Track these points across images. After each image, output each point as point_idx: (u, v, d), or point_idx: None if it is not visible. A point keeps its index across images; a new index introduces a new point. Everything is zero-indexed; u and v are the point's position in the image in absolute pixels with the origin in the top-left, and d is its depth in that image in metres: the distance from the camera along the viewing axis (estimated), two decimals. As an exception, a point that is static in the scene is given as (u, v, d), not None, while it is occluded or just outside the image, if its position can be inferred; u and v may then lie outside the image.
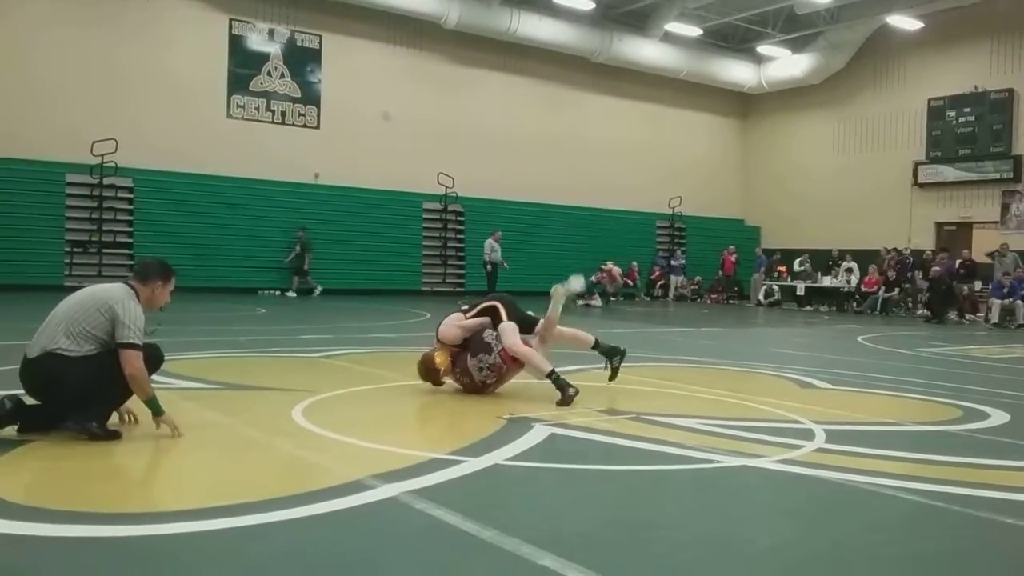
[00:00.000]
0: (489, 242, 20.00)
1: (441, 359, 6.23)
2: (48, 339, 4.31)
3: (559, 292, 6.56)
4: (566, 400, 5.86)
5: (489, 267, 20.01)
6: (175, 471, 3.99)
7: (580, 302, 20.07)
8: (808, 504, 3.89)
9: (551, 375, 6.05)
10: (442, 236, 22.62)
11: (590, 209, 24.55)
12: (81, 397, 4.24)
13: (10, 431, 4.29)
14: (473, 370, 6.19)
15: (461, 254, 22.79)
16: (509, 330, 6.25)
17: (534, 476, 4.18)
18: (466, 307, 6.58)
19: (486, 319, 6.40)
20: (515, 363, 6.25)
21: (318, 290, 19.69)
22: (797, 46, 25.30)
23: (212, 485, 3.87)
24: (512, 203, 23.10)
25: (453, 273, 22.62)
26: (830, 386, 7.63)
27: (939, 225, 23.73)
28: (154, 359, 4.55)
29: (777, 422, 5.66)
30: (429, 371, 6.28)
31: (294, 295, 19.19)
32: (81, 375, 4.22)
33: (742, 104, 28.59)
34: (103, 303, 4.33)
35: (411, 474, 3.91)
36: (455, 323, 6.39)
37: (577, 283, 6.82)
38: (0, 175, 17.02)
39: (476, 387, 6.28)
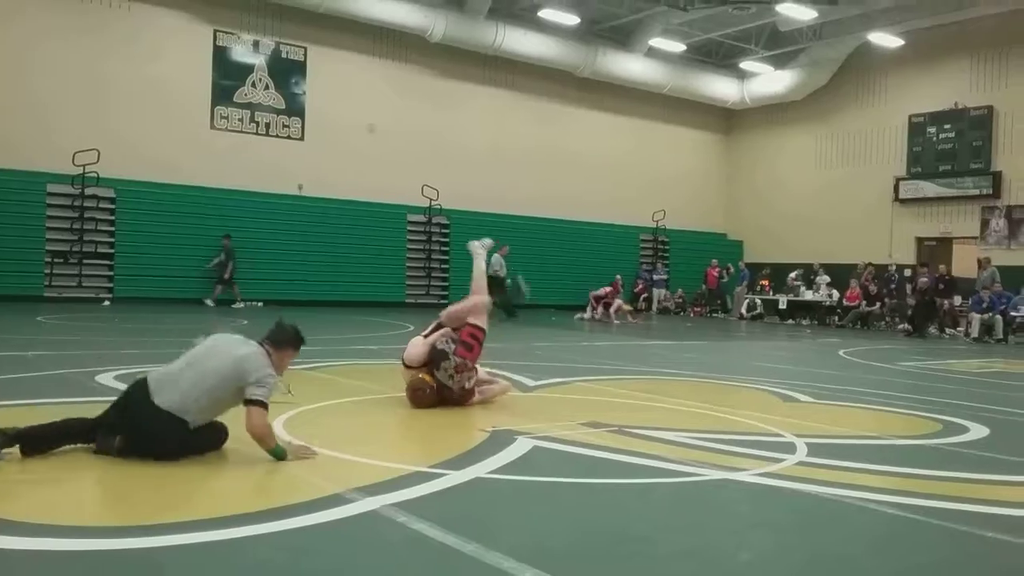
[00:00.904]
0: (497, 258, 18.72)
1: (427, 377, 6.21)
2: (180, 401, 4.26)
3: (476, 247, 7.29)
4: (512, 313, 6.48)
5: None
6: (155, 484, 3.95)
7: (578, 316, 20.20)
8: (789, 517, 3.89)
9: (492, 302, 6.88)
10: (426, 248, 22.60)
11: (574, 222, 24.62)
12: (162, 449, 4.23)
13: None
14: (445, 380, 6.18)
15: (445, 266, 22.78)
16: (460, 309, 6.68)
17: (516, 489, 4.17)
18: (427, 331, 6.61)
19: (445, 329, 6.50)
20: (472, 351, 6.33)
21: (240, 303, 18.36)
22: (780, 62, 25.52)
23: (192, 498, 3.84)
24: (496, 215, 23.11)
25: (437, 285, 22.59)
26: (812, 400, 7.66)
27: (920, 240, 23.93)
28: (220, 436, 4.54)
29: (759, 435, 5.68)
30: (423, 394, 6.21)
31: (211, 304, 18.11)
32: (185, 441, 4.28)
33: (725, 119, 28.79)
34: (242, 375, 4.32)
35: (392, 487, 3.89)
36: (419, 343, 6.39)
37: (480, 245, 7.36)
38: (-20, 185, 16.88)
39: (460, 395, 6.25)
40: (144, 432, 4.24)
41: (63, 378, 6.98)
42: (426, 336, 6.47)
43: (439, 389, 6.20)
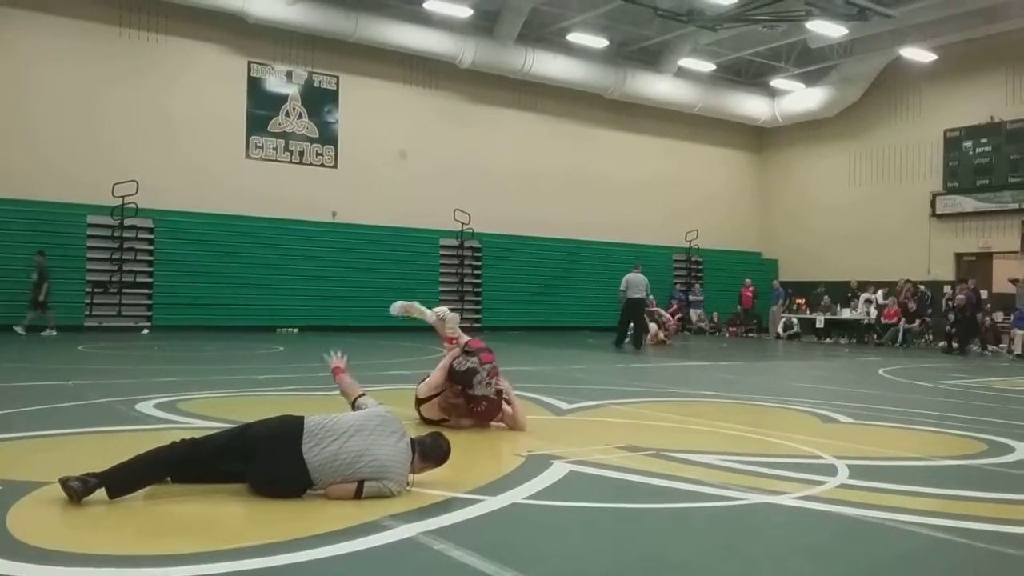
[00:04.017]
0: (638, 277, 17.48)
1: (452, 398, 6.25)
2: (324, 464, 4.09)
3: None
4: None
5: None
6: (190, 515, 3.98)
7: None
8: (831, 541, 3.82)
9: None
10: (459, 272, 22.68)
11: (606, 243, 24.59)
12: (270, 491, 4.15)
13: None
14: (484, 392, 6.17)
15: (478, 289, 22.84)
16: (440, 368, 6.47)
17: (554, 515, 4.14)
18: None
19: (455, 350, 6.48)
20: (490, 351, 6.41)
21: (52, 330, 16.34)
22: (811, 79, 25.39)
23: (228, 528, 3.86)
24: (529, 238, 23.17)
25: (471, 308, 22.63)
26: (852, 420, 7.53)
27: (959, 256, 23.58)
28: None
29: (798, 458, 5.59)
30: (454, 407, 6.26)
31: (22, 332, 16.08)
32: (296, 485, 4.15)
33: (757, 137, 28.66)
34: (380, 474, 4.14)
35: (429, 514, 3.88)
36: (429, 380, 6.40)
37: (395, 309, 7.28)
38: (23, 217, 17.25)
39: (496, 404, 6.23)
40: (270, 472, 4.14)
41: (104, 407, 7.07)
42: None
43: (466, 406, 6.22)
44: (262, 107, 20.57)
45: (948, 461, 5.78)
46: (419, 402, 6.40)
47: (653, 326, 19.88)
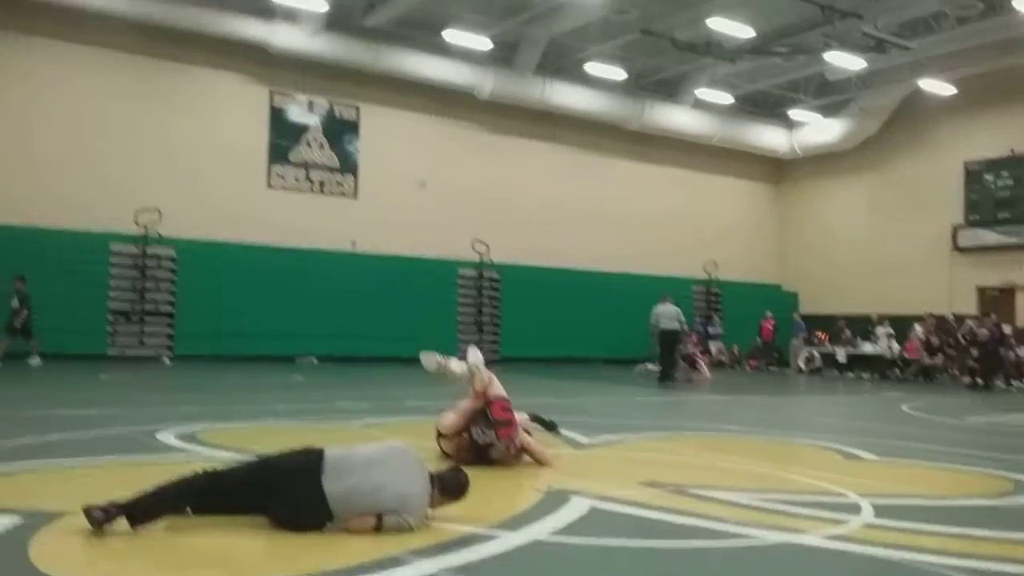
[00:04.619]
0: (670, 308, 17.28)
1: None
2: (344, 497, 4.09)
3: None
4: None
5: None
6: (211, 547, 3.97)
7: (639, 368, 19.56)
8: (857, 583, 3.76)
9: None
10: (477, 302, 22.70)
11: (625, 275, 24.52)
12: (290, 524, 4.13)
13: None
14: (502, 456, 6.10)
15: (497, 320, 22.83)
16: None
17: (575, 552, 4.10)
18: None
19: (478, 402, 6.28)
20: (512, 423, 6.19)
21: (37, 358, 15.58)
22: (829, 111, 25.40)
23: (249, 561, 3.85)
24: (547, 269, 23.17)
25: (489, 339, 22.61)
26: (876, 457, 7.43)
27: (981, 290, 23.36)
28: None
29: (821, 495, 5.52)
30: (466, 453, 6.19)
31: None
32: (316, 518, 4.13)
33: (775, 169, 28.64)
34: (399, 507, 4.12)
35: (449, 549, 3.86)
36: (451, 416, 6.35)
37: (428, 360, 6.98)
38: (46, 245, 17.39)
39: (511, 456, 6.17)
40: (290, 505, 4.12)
41: (125, 436, 7.10)
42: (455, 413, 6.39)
43: (484, 450, 6.16)
44: (284, 137, 20.78)
45: (974, 500, 5.70)
46: (440, 436, 6.38)
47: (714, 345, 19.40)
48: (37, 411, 8.64)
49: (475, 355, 6.57)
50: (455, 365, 6.73)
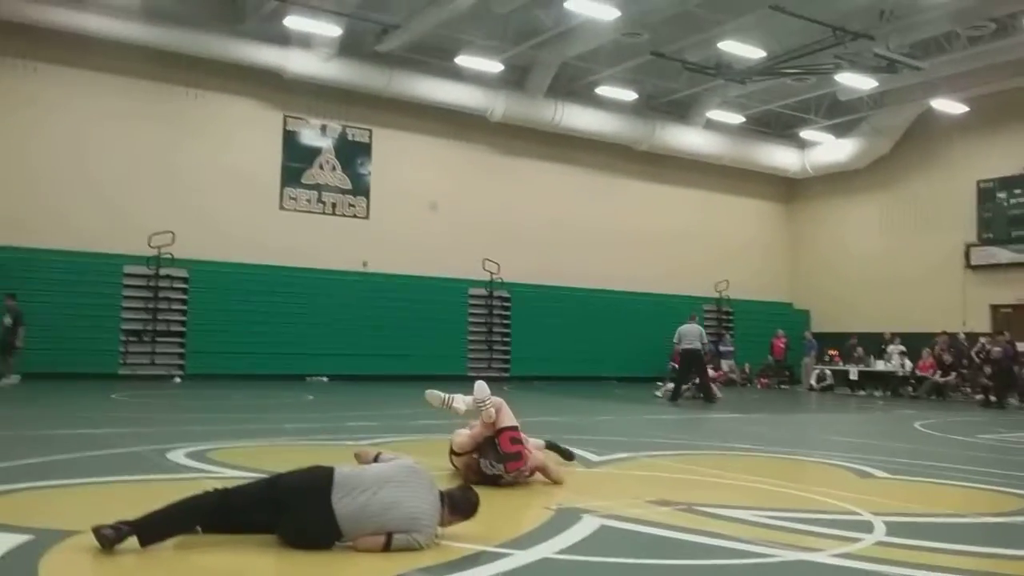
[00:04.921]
0: (693, 328, 17.23)
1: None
2: (354, 516, 4.09)
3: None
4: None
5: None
6: (220, 566, 3.97)
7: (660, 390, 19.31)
8: (870, 601, 3.73)
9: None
10: (488, 322, 22.71)
11: (636, 294, 24.51)
12: (299, 542, 4.13)
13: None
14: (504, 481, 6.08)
15: (507, 339, 22.83)
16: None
17: (586, 571, 4.08)
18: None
19: (488, 427, 6.21)
20: (522, 456, 6.11)
21: (14, 377, 15.34)
22: (841, 131, 25.39)
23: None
24: (558, 288, 23.18)
25: (499, 358, 22.61)
26: (888, 475, 7.38)
27: (994, 308, 23.22)
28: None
29: (834, 513, 5.48)
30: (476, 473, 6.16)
31: None
32: (326, 537, 4.13)
33: (787, 189, 28.63)
34: (409, 527, 4.12)
35: (458, 567, 3.85)
36: (465, 435, 6.33)
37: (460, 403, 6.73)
38: (61, 267, 17.56)
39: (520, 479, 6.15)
40: (300, 524, 4.12)
41: (136, 455, 7.12)
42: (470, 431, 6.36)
43: (493, 479, 6.13)
44: (296, 160, 20.93)
45: (988, 518, 5.65)
46: (453, 453, 6.36)
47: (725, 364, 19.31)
48: (47, 431, 8.67)
49: (481, 390, 6.46)
50: (459, 403, 6.65)
